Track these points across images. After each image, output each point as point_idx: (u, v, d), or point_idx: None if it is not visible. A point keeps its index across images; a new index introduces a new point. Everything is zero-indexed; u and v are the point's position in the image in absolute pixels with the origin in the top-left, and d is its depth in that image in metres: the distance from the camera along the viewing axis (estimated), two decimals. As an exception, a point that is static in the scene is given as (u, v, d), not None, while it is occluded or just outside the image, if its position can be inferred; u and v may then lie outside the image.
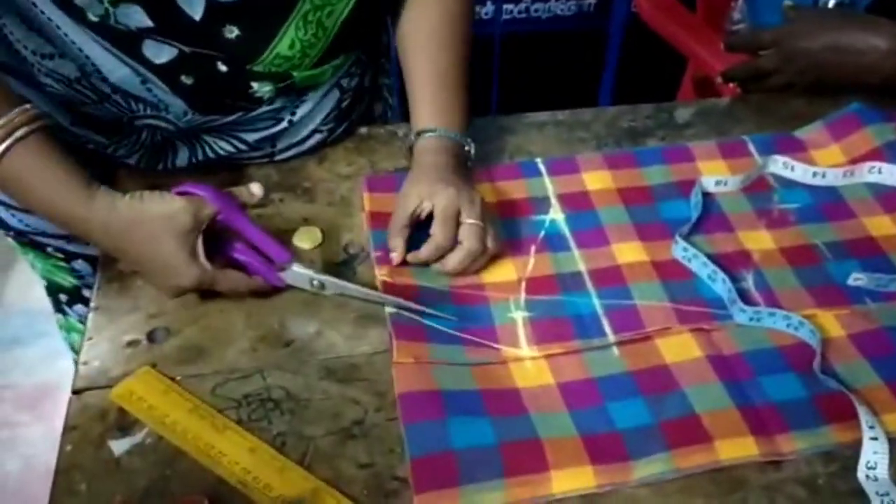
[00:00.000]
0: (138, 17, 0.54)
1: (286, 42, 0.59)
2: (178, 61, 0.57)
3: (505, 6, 1.55)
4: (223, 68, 0.59)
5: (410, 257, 0.57)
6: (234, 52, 0.58)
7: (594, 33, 1.61)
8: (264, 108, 0.64)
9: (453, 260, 0.57)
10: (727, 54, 0.82)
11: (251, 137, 0.66)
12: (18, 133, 0.50)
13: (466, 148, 0.63)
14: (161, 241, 0.51)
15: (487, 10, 1.54)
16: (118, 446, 0.47)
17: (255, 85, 0.61)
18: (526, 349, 0.53)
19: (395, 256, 0.57)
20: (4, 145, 0.50)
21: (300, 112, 0.66)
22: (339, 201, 0.65)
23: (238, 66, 0.59)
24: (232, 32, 0.56)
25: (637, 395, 0.50)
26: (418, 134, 0.63)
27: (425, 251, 0.57)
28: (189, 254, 0.52)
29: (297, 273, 0.56)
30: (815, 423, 0.49)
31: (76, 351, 0.75)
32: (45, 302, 0.81)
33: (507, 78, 1.62)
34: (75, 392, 0.50)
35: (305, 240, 0.60)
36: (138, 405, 0.48)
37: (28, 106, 0.51)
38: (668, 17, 1.25)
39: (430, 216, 0.58)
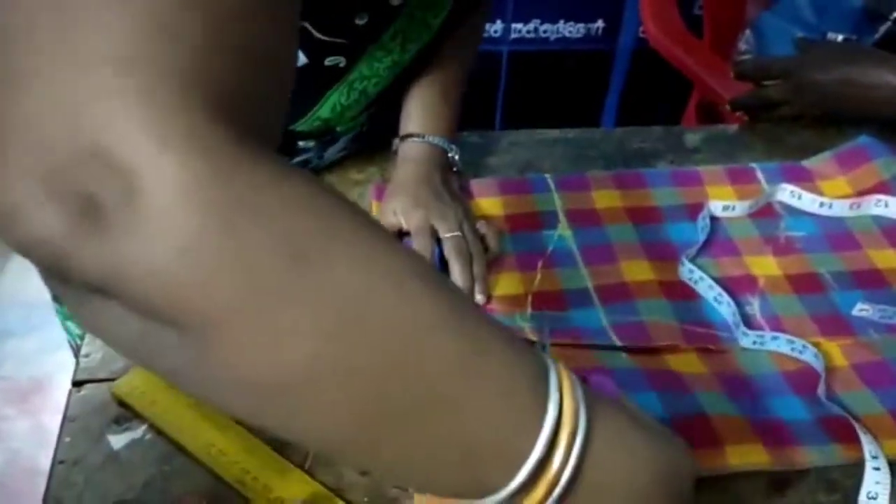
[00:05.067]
0: None
1: (328, 106, 0.60)
2: None
3: (514, 25, 1.56)
4: None
5: None
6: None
7: (601, 56, 1.63)
8: (300, 158, 0.65)
9: (454, 280, 0.56)
10: (733, 83, 0.83)
11: None
12: (583, 422, 0.28)
13: (450, 154, 0.64)
14: None
15: (497, 28, 1.55)
16: (117, 440, 0.47)
17: (301, 143, 0.63)
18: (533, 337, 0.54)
19: None
20: (575, 457, 0.28)
21: (328, 154, 0.67)
22: (348, 207, 0.65)
23: (284, 127, 0.60)
24: None
25: (650, 390, 0.50)
26: (403, 138, 0.64)
27: None
28: None
29: None
30: (822, 441, 0.49)
31: (73, 336, 0.74)
32: (42, 294, 0.80)
33: (512, 95, 1.63)
34: (76, 384, 0.50)
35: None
36: (139, 399, 0.48)
37: (552, 363, 0.30)
38: (677, 44, 1.27)
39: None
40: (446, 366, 0.27)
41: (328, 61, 0.57)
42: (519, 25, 1.56)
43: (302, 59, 0.56)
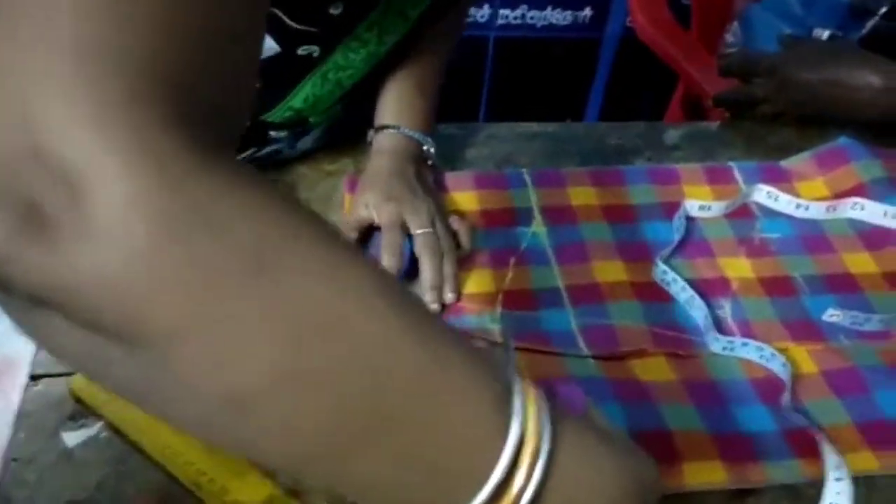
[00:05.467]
0: None
1: (301, 97, 0.59)
2: None
3: (501, 11, 1.54)
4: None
5: None
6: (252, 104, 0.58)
7: (588, 43, 1.61)
8: (271, 148, 0.63)
9: (424, 278, 0.56)
10: (718, 77, 0.82)
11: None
12: (546, 440, 0.28)
13: (425, 147, 0.63)
14: None
15: (484, 13, 1.54)
16: (72, 438, 0.46)
17: (272, 133, 0.61)
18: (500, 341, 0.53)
19: None
20: (538, 475, 0.27)
21: (301, 144, 0.66)
22: (320, 199, 0.64)
23: (255, 117, 0.59)
24: None
25: (614, 401, 0.50)
26: (378, 129, 0.63)
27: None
28: None
29: None
30: (784, 456, 0.48)
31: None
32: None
33: (498, 81, 1.61)
34: (33, 378, 0.49)
35: (281, 236, 0.59)
36: (96, 397, 0.47)
37: (520, 382, 0.29)
38: (664, 35, 1.25)
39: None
40: (409, 379, 0.26)
41: (301, 51, 0.56)
42: (506, 11, 1.54)
43: (273, 47, 0.54)
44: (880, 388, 0.52)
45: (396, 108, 0.63)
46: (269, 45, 0.54)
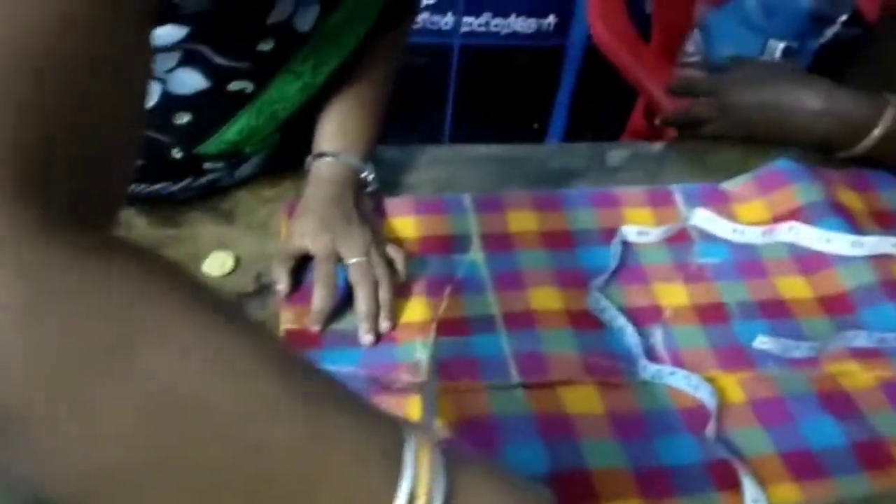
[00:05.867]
0: None
1: (235, 128, 0.58)
2: None
3: (465, 18, 1.54)
4: (177, 155, 0.58)
5: (313, 318, 0.56)
6: (184, 136, 0.57)
7: (553, 52, 1.61)
8: (207, 178, 0.63)
9: (359, 308, 0.56)
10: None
11: (183, 195, 0.65)
12: (439, 492, 0.28)
13: (364, 174, 0.62)
14: None
15: (448, 20, 1.54)
16: None
17: (207, 164, 0.61)
18: (426, 378, 0.53)
19: (281, 287, 0.57)
20: None
21: (239, 173, 0.65)
22: (258, 225, 0.63)
23: (188, 150, 0.59)
24: (183, 119, 0.56)
25: (537, 439, 0.50)
26: (316, 156, 0.62)
27: (315, 298, 0.56)
28: None
29: None
30: (705, 489, 0.49)
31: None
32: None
33: (464, 89, 1.61)
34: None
35: (215, 267, 0.58)
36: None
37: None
38: (622, 46, 1.26)
39: None
40: (288, 450, 0.26)
41: (232, 86, 0.55)
42: (470, 19, 1.54)
43: (203, 83, 0.54)
44: (806, 417, 0.53)
45: (335, 135, 0.63)
46: (197, 82, 0.53)
